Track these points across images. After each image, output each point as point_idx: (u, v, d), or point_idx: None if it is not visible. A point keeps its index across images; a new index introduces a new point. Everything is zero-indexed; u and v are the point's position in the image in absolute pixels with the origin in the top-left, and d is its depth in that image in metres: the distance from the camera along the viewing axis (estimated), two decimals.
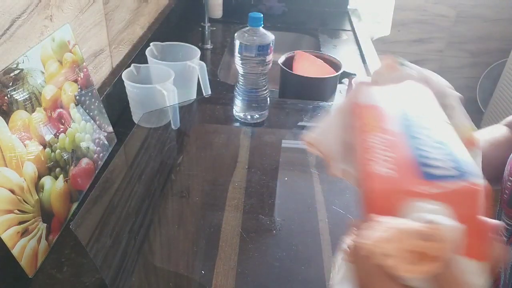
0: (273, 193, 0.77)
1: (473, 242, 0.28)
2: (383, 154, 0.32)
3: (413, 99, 0.37)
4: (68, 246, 0.62)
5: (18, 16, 0.58)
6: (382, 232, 0.27)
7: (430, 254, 0.27)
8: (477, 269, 0.28)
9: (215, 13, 1.53)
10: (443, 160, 0.30)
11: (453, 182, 0.28)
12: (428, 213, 0.28)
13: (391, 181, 0.30)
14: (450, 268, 0.27)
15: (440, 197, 0.28)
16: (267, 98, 0.91)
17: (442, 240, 0.26)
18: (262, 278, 0.61)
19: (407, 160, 0.30)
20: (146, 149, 0.83)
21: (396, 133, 0.33)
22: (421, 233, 0.26)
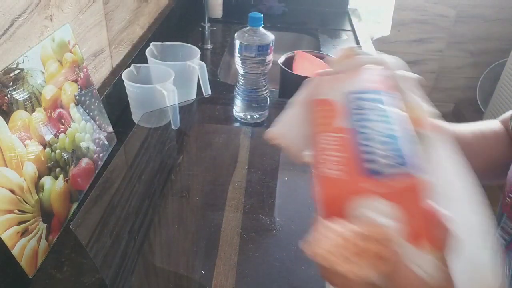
0: (273, 193, 0.77)
1: (421, 232, 0.29)
2: (332, 154, 0.32)
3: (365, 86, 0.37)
4: (68, 246, 0.62)
5: (18, 16, 0.58)
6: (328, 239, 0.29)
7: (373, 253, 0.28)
8: (428, 258, 0.29)
9: (215, 13, 1.53)
10: (389, 156, 0.30)
11: (396, 178, 0.29)
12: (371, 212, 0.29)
13: (338, 183, 0.31)
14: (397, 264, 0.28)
15: (383, 194, 0.29)
16: (267, 98, 0.91)
17: (386, 240, 0.28)
18: (262, 278, 0.61)
19: (353, 159, 0.31)
20: (146, 149, 0.83)
21: (346, 129, 0.33)
22: (362, 235, 0.28)
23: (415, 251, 0.29)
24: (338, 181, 0.31)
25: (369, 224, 0.28)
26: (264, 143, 0.34)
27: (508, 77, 2.13)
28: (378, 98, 0.35)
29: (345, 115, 0.34)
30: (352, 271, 0.28)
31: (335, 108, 0.36)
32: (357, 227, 0.28)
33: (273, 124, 0.44)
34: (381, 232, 0.28)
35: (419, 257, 0.29)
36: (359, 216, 0.29)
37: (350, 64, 0.40)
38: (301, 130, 0.41)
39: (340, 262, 0.28)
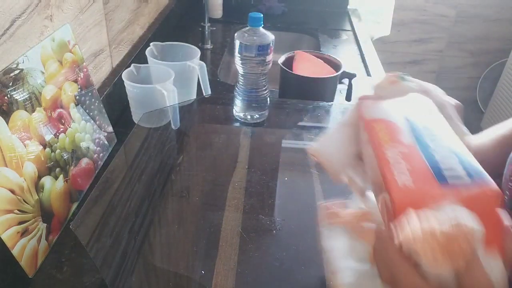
0: (273, 193, 0.77)
1: (493, 240, 0.30)
2: (399, 166, 0.33)
3: (417, 111, 0.39)
4: (68, 246, 0.62)
5: (18, 16, 0.58)
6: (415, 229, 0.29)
7: (455, 252, 0.29)
8: (498, 266, 0.30)
9: (215, 13, 1.53)
10: (455, 168, 0.32)
11: (467, 187, 0.30)
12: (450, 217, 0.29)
13: (409, 192, 0.32)
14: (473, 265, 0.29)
15: (459, 200, 0.30)
16: (267, 98, 0.91)
17: (467, 239, 0.28)
18: (262, 278, 0.61)
19: (422, 170, 0.32)
20: (146, 149, 0.83)
21: (408, 145, 0.35)
22: (445, 232, 0.28)
23: (488, 256, 0.30)
24: (410, 191, 0.32)
25: (451, 223, 0.29)
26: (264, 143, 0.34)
27: (508, 77, 2.13)
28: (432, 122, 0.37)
29: (404, 133, 0.36)
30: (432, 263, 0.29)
31: (393, 126, 0.37)
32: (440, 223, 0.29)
33: (316, 141, 0.46)
34: (463, 231, 0.28)
35: (491, 262, 0.30)
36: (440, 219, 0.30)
37: (394, 90, 0.41)
38: (345, 149, 0.43)
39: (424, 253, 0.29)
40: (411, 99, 0.41)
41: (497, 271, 0.30)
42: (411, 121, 0.37)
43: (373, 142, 0.38)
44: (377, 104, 0.41)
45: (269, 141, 0.92)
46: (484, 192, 0.30)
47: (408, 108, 0.39)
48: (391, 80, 0.42)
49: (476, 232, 0.29)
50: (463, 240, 0.29)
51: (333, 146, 0.44)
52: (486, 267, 0.30)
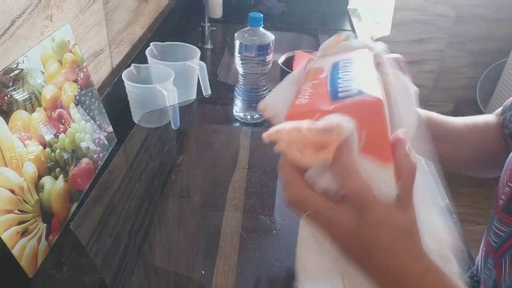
0: (273, 193, 0.77)
1: (372, 145, 0.32)
2: (305, 92, 0.37)
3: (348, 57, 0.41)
4: (68, 246, 0.62)
5: (18, 16, 0.58)
6: (283, 125, 0.32)
7: (324, 145, 0.31)
8: (376, 171, 0.32)
9: (215, 13, 1.53)
10: (350, 87, 0.34)
11: (352, 97, 0.33)
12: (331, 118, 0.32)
13: (301, 106, 0.35)
14: (343, 158, 0.31)
15: (340, 110, 0.32)
16: None
17: (334, 131, 0.30)
18: (262, 278, 0.61)
19: (320, 92, 0.36)
20: (146, 149, 0.83)
21: (321, 78, 0.38)
22: (316, 127, 0.31)
23: (372, 165, 0.32)
24: (303, 105, 0.35)
25: (327, 122, 0.31)
26: (264, 143, 0.34)
27: (508, 77, 2.13)
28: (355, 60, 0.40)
29: (325, 72, 0.39)
30: (299, 157, 0.32)
31: (320, 70, 0.40)
32: (315, 123, 0.31)
33: (267, 96, 0.47)
34: (336, 128, 0.30)
35: (375, 171, 0.32)
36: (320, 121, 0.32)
37: (339, 48, 0.44)
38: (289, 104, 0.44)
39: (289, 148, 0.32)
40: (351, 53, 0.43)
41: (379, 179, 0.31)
42: (336, 63, 0.40)
43: (301, 85, 0.41)
44: (314, 59, 0.45)
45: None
46: (366, 101, 0.32)
47: (343, 57, 0.42)
48: (336, 40, 0.45)
49: (345, 129, 0.30)
50: (329, 132, 0.30)
51: (280, 101, 0.44)
52: (363, 169, 0.31)
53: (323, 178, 0.33)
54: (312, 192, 0.32)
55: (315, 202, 0.32)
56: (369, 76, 0.36)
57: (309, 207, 0.32)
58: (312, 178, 0.33)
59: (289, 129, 0.31)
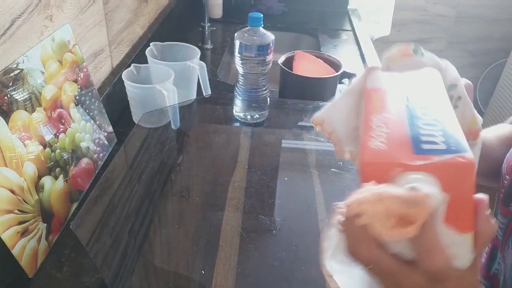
0: (273, 193, 0.77)
1: (456, 212, 0.29)
2: (379, 130, 0.32)
3: (420, 83, 0.37)
4: (68, 246, 0.62)
5: (18, 16, 0.58)
6: (365, 194, 0.29)
7: (409, 218, 0.28)
8: (458, 240, 0.29)
9: (215, 13, 1.53)
10: (435, 136, 0.30)
11: (441, 155, 0.29)
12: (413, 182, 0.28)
13: (380, 154, 0.31)
14: (428, 234, 0.29)
15: (427, 169, 0.29)
16: (267, 98, 0.91)
17: (421, 205, 0.27)
18: (262, 278, 0.61)
19: (400, 135, 0.31)
20: (146, 149, 0.83)
21: (396, 112, 0.34)
22: (402, 198, 0.28)
23: (454, 234, 0.29)
24: (382, 152, 0.31)
25: (412, 190, 0.28)
26: (264, 143, 0.34)
27: (508, 77, 2.13)
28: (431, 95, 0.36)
29: (397, 102, 0.35)
30: (380, 229, 0.28)
31: (388, 95, 0.36)
32: (398, 190, 0.28)
33: (320, 110, 0.43)
34: (423, 200, 0.28)
35: (450, 234, 0.29)
36: (403, 185, 0.29)
37: (406, 63, 0.40)
38: (348, 119, 0.41)
39: (371, 218, 0.29)
40: (419, 73, 0.39)
41: (460, 245, 0.29)
42: (408, 91, 0.36)
43: (365, 110, 0.36)
44: (381, 75, 0.39)
45: (269, 141, 0.92)
46: (457, 163, 0.29)
47: (411, 80, 0.38)
48: (403, 52, 0.40)
49: (434, 200, 0.28)
50: (416, 206, 0.28)
51: (338, 115, 0.41)
52: (446, 240, 0.29)
53: (398, 244, 0.31)
54: (384, 253, 0.30)
55: (385, 262, 0.30)
56: (452, 119, 0.33)
57: (379, 266, 0.30)
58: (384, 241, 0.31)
59: (372, 200, 0.29)
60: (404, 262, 0.30)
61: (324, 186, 0.79)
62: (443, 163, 0.29)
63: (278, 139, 0.93)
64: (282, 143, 0.93)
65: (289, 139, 0.95)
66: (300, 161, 0.89)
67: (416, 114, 0.33)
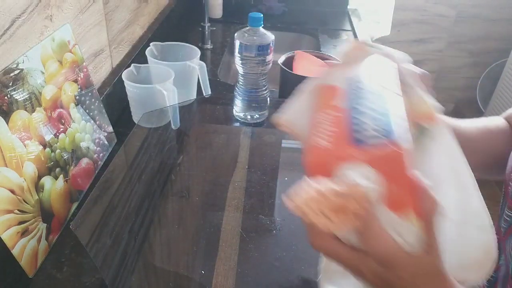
0: (273, 193, 0.77)
1: (394, 196, 0.31)
2: (324, 128, 0.34)
3: (370, 75, 0.38)
4: (68, 246, 0.62)
5: (18, 16, 0.58)
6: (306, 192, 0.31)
7: (349, 211, 0.30)
8: (401, 223, 0.31)
9: (215, 13, 1.53)
10: (369, 126, 0.32)
11: (380, 147, 0.31)
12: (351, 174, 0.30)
13: (324, 151, 0.33)
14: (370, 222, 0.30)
15: (360, 159, 0.31)
16: (267, 98, 0.91)
17: (357, 197, 0.30)
18: (262, 278, 0.61)
19: (343, 131, 0.33)
20: (146, 149, 0.83)
21: (343, 109, 0.35)
22: (338, 193, 0.30)
23: (396, 218, 0.31)
24: (325, 149, 0.33)
25: (347, 183, 0.30)
26: (264, 143, 0.34)
27: (508, 77, 2.13)
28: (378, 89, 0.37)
29: (344, 96, 0.36)
30: (324, 224, 0.31)
31: (337, 91, 0.38)
32: (335, 185, 0.30)
33: (281, 110, 0.45)
34: (357, 191, 0.30)
35: (399, 224, 0.31)
36: (340, 177, 0.31)
37: (358, 55, 0.41)
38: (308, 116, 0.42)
39: (314, 215, 0.31)
40: (373, 64, 0.40)
41: (408, 233, 0.31)
42: (355, 85, 0.37)
43: (314, 107, 0.38)
44: (335, 71, 0.41)
45: (269, 141, 0.92)
46: (395, 151, 0.30)
47: (363, 73, 0.39)
48: (357, 46, 0.42)
49: (368, 190, 0.29)
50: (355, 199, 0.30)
51: (298, 113, 0.43)
52: (387, 226, 0.30)
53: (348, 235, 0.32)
54: (338, 244, 0.32)
55: (342, 253, 0.32)
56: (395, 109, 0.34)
57: (335, 256, 0.33)
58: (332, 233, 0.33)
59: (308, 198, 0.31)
60: (359, 250, 0.32)
61: None
62: (374, 151, 0.31)
63: (278, 139, 0.93)
64: (282, 143, 0.93)
65: (289, 139, 0.95)
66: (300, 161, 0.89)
67: (358, 107, 0.34)
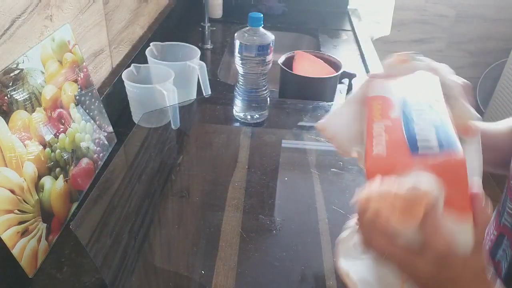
0: (273, 193, 0.77)
1: (453, 203, 0.33)
2: (380, 138, 0.37)
3: (416, 87, 0.41)
4: (68, 246, 0.62)
5: (18, 16, 0.58)
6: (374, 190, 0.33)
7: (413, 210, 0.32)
8: (457, 228, 0.33)
9: (215, 13, 1.53)
10: (429, 137, 0.34)
11: (435, 155, 0.33)
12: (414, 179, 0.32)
13: (381, 161, 0.35)
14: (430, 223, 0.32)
15: (423, 168, 0.33)
16: (267, 98, 0.91)
17: (420, 201, 0.31)
18: (262, 278, 0.61)
19: (397, 141, 0.35)
20: (146, 149, 0.83)
21: (394, 119, 0.37)
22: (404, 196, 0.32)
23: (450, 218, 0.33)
24: (386, 158, 0.35)
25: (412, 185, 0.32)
26: (264, 143, 0.35)
27: (508, 77, 2.13)
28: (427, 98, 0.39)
29: (398, 107, 0.38)
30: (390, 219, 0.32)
31: (389, 102, 0.40)
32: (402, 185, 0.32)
33: (324, 117, 0.47)
34: (421, 194, 0.31)
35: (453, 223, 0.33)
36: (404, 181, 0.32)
37: (404, 68, 0.43)
38: (351, 125, 0.44)
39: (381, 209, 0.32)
40: (417, 77, 0.42)
41: (460, 233, 0.33)
42: (406, 97, 0.39)
43: (367, 118, 0.40)
44: (381, 82, 0.43)
45: (269, 141, 0.92)
46: (450, 160, 0.33)
47: (410, 85, 0.41)
48: (401, 59, 0.44)
49: (433, 193, 0.31)
50: (418, 201, 0.31)
51: (340, 121, 0.45)
52: (446, 228, 0.32)
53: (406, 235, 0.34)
54: (392, 243, 0.34)
55: (395, 252, 0.34)
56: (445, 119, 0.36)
57: (391, 256, 0.34)
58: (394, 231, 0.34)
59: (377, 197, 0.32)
60: (413, 251, 0.34)
61: (324, 186, 0.79)
62: (437, 162, 0.33)
63: (278, 139, 0.93)
64: (282, 143, 0.93)
65: (289, 139, 0.95)
66: (300, 161, 0.89)
67: (412, 118, 0.37)
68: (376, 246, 0.34)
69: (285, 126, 0.97)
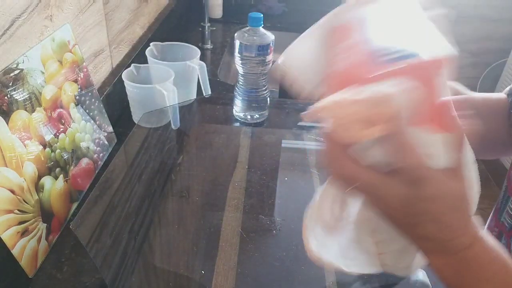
0: (273, 193, 0.77)
1: (423, 113, 0.30)
2: (343, 55, 0.33)
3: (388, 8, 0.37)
4: (68, 246, 0.62)
5: (18, 16, 0.58)
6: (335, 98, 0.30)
7: (378, 118, 0.29)
8: (428, 139, 0.30)
9: (215, 13, 1.53)
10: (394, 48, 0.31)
11: (398, 61, 0.30)
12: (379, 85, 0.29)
13: (343, 74, 0.32)
14: (398, 134, 0.29)
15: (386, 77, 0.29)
16: (267, 98, 0.91)
17: (383, 104, 0.28)
18: (262, 278, 0.61)
19: (361, 54, 0.32)
20: (146, 149, 0.83)
21: (362, 39, 0.34)
22: (363, 100, 0.28)
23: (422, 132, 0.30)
24: (346, 72, 0.32)
25: (373, 90, 0.28)
26: (264, 143, 0.34)
27: (508, 77, 2.13)
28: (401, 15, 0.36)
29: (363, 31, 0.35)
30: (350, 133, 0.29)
31: (354, 27, 0.36)
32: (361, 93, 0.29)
33: (283, 53, 0.40)
34: (382, 98, 0.28)
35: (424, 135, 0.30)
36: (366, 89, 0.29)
37: None
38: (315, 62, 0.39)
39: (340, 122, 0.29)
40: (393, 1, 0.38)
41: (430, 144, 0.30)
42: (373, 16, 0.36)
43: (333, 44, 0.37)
44: (342, 11, 0.40)
45: (269, 141, 0.92)
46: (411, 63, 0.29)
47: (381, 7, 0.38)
48: None
49: (395, 98, 0.28)
50: (379, 105, 0.28)
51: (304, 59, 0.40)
52: (414, 139, 0.29)
53: (370, 151, 0.31)
54: (359, 167, 0.31)
55: (364, 177, 0.31)
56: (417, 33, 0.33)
57: (357, 181, 0.31)
58: (357, 152, 0.32)
59: (334, 105, 0.29)
60: (384, 173, 0.31)
61: None
62: (401, 68, 0.29)
63: (278, 139, 0.93)
64: (282, 143, 0.93)
65: (289, 139, 0.95)
66: (300, 161, 0.89)
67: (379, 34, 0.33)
68: (343, 173, 0.32)
69: (285, 126, 0.97)
